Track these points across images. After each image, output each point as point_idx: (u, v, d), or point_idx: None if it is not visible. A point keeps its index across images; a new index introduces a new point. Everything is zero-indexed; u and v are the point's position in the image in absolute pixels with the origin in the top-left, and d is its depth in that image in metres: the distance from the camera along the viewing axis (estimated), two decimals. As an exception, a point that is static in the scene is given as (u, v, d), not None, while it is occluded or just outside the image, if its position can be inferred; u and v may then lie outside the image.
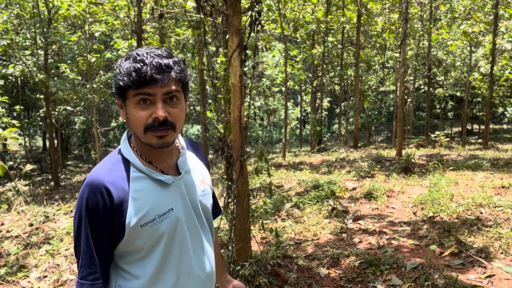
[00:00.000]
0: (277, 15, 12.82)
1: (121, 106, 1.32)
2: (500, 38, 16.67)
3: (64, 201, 8.61)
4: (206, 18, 4.17)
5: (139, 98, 1.24)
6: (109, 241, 1.27)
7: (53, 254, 4.85)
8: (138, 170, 1.30)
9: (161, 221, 1.29)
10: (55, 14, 11.33)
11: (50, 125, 12.60)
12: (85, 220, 1.23)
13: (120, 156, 1.33)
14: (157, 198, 1.30)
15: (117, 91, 1.29)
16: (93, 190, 1.22)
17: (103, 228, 1.24)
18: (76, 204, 1.26)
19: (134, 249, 1.30)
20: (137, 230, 1.26)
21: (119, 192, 1.24)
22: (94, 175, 1.25)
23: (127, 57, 1.28)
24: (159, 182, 1.32)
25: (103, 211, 1.22)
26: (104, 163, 1.31)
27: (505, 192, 5.93)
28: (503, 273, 3.64)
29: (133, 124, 1.27)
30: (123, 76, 1.24)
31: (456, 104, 26.29)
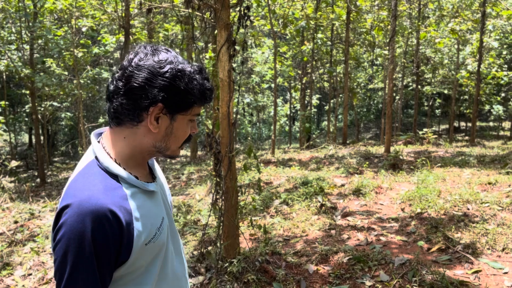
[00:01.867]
0: (266, 11, 12.78)
1: (158, 118, 1.16)
2: (487, 36, 16.85)
3: (50, 198, 8.50)
4: (195, 12, 4.13)
5: (195, 116, 1.23)
6: (112, 271, 1.11)
7: (38, 252, 4.77)
8: (130, 185, 1.16)
9: (160, 234, 1.20)
10: (41, 8, 11.16)
11: (36, 121, 12.42)
12: (90, 257, 1.02)
13: (103, 171, 1.14)
14: (152, 211, 1.20)
15: (177, 102, 1.15)
16: (98, 218, 1.02)
17: (110, 260, 1.07)
18: (67, 239, 1.01)
19: (133, 269, 1.16)
20: (142, 249, 1.14)
21: (125, 214, 1.09)
22: (90, 199, 1.03)
23: (193, 70, 1.18)
24: (149, 193, 1.22)
25: (113, 241, 1.05)
26: (90, 181, 1.09)
27: (492, 189, 5.98)
28: (489, 269, 3.66)
29: (178, 139, 1.22)
30: (198, 93, 1.17)
31: (444, 101, 26.53)
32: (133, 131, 1.17)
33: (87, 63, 11.78)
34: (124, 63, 1.16)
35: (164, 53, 1.17)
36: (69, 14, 10.67)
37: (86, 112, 19.59)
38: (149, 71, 1.12)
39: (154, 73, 1.12)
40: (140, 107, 1.13)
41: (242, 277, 3.65)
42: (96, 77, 12.95)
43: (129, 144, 1.18)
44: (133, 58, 1.15)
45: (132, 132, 1.17)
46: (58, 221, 1.06)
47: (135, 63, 1.13)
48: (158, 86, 1.12)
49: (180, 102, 1.15)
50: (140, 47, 1.19)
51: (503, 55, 20.68)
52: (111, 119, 1.18)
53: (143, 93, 1.12)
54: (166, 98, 1.13)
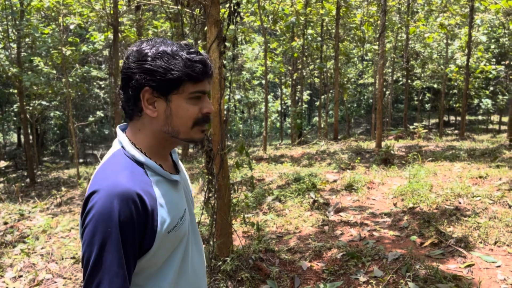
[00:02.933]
0: (256, 7, 12.73)
1: (152, 101, 1.19)
2: (476, 31, 16.96)
3: (40, 198, 8.41)
4: (184, 9, 4.08)
5: (196, 94, 1.20)
6: (136, 258, 1.14)
7: (28, 253, 4.71)
8: (155, 173, 1.21)
9: (182, 224, 1.23)
10: (28, 6, 11.00)
11: (25, 120, 12.27)
12: (117, 237, 1.06)
13: (129, 159, 1.19)
14: (175, 200, 1.24)
15: (162, 83, 1.16)
16: (125, 200, 1.07)
17: (135, 244, 1.11)
18: (96, 220, 1.06)
19: (155, 261, 1.19)
20: (165, 238, 1.17)
21: (150, 199, 1.13)
22: (118, 184, 1.08)
23: (170, 47, 1.17)
24: (173, 183, 1.26)
25: (138, 224, 1.10)
26: (116, 168, 1.14)
27: (482, 182, 6.03)
28: (482, 262, 3.68)
29: (182, 119, 1.20)
30: (184, 67, 1.16)
31: (433, 96, 26.71)
32: (142, 121, 1.22)
33: (75, 61, 11.64)
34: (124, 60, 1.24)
35: (156, 40, 1.21)
36: (56, 12, 10.53)
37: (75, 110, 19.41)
38: (132, 60, 1.17)
39: (136, 61, 1.16)
40: (133, 96, 1.18)
41: (235, 276, 3.63)
42: (85, 76, 12.83)
43: (145, 135, 1.23)
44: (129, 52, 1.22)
45: (141, 123, 1.22)
46: (86, 206, 1.10)
47: (127, 56, 1.20)
48: (140, 70, 1.16)
49: (166, 81, 1.16)
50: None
51: (491, 49, 20.86)
52: (125, 115, 1.25)
53: (130, 81, 1.17)
54: (150, 80, 1.15)
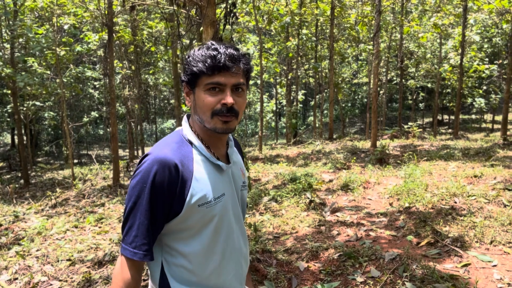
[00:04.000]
0: (251, 8, 12.72)
1: (188, 94, 1.42)
2: (469, 30, 17.05)
3: (34, 200, 8.36)
4: (180, 9, 4.07)
5: (210, 86, 1.34)
6: (165, 217, 1.33)
7: (23, 255, 4.68)
8: (200, 153, 1.39)
9: (215, 204, 1.37)
10: (21, 6, 10.93)
11: (19, 121, 12.19)
12: (149, 192, 1.28)
13: (183, 137, 1.41)
14: (214, 182, 1.39)
15: (189, 77, 1.37)
16: (163, 166, 1.28)
17: (164, 203, 1.30)
18: (138, 176, 1.29)
19: (185, 227, 1.36)
20: (194, 209, 1.33)
21: (186, 171, 1.32)
22: (163, 153, 1.31)
23: (199, 47, 1.39)
24: (216, 167, 1.42)
25: (168, 187, 1.29)
26: (168, 142, 1.37)
27: (477, 181, 6.06)
28: (478, 262, 3.70)
29: (201, 109, 1.37)
30: (197, 63, 1.34)
31: (427, 95, 26.82)
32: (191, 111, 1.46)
33: (69, 61, 11.57)
34: None
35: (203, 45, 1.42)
36: (50, 12, 10.46)
37: (69, 111, 19.31)
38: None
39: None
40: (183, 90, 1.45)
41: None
42: (79, 76, 12.75)
43: (196, 123, 1.44)
44: None
45: (191, 111, 1.46)
46: (139, 164, 1.34)
47: None
48: (183, 69, 1.43)
49: (190, 76, 1.37)
50: None
51: (484, 49, 20.97)
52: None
53: (180, 78, 1.44)
54: (184, 76, 1.40)
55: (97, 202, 7.50)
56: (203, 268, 1.40)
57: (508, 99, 11.42)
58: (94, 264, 4.34)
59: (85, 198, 8.03)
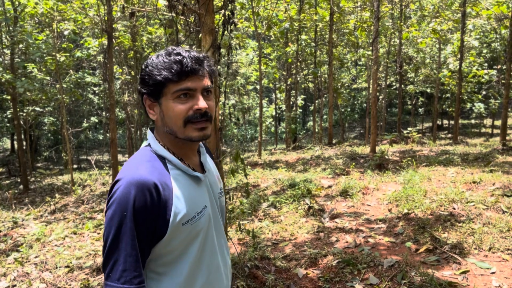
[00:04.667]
0: (250, 13, 12.77)
1: (152, 106, 1.33)
2: (468, 36, 17.10)
3: (33, 205, 8.35)
4: (178, 17, 4.09)
5: (180, 93, 1.26)
6: (150, 243, 1.24)
7: (22, 262, 4.67)
8: (176, 167, 1.31)
9: (199, 219, 1.30)
10: (22, 12, 10.96)
11: (18, 126, 12.19)
12: (131, 220, 1.18)
13: (154, 154, 1.31)
14: (194, 195, 1.32)
15: (151, 89, 1.29)
16: (142, 189, 1.18)
17: (148, 228, 1.21)
18: (115, 205, 1.19)
19: (170, 249, 1.27)
20: (179, 228, 1.25)
21: (165, 190, 1.23)
22: (138, 174, 1.21)
23: (157, 55, 1.30)
24: (194, 179, 1.35)
25: (151, 211, 1.20)
26: (140, 161, 1.27)
27: (476, 188, 6.06)
28: (477, 269, 3.70)
29: (172, 119, 1.29)
30: (161, 71, 1.25)
31: (427, 100, 26.84)
32: (155, 124, 1.37)
33: (69, 67, 11.60)
34: None
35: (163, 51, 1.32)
36: (50, 18, 10.50)
37: (69, 116, 19.33)
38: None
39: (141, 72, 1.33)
40: (142, 103, 1.35)
41: (231, 284, 3.62)
42: (79, 81, 12.78)
43: (164, 136, 1.35)
44: None
45: (156, 125, 1.37)
46: (110, 192, 1.23)
47: None
48: (140, 80, 1.32)
49: (152, 86, 1.28)
50: None
51: (483, 54, 21.02)
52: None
53: (138, 91, 1.35)
54: (144, 88, 1.30)
55: (96, 208, 7.49)
56: (192, 286, 1.33)
57: (507, 104, 11.44)
58: (92, 271, 4.34)
59: (84, 204, 8.02)
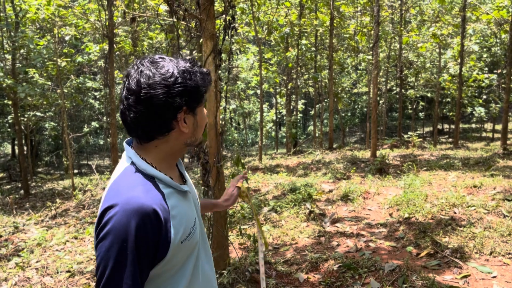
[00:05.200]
0: (251, 18, 12.81)
1: (186, 119, 1.26)
2: (468, 40, 17.14)
3: (34, 210, 8.35)
4: (179, 22, 4.11)
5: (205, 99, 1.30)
6: (150, 269, 1.17)
7: (23, 267, 4.67)
8: (166, 185, 1.24)
9: (194, 233, 1.28)
10: (23, 17, 11.01)
11: (19, 131, 12.22)
12: (133, 252, 1.09)
13: (141, 174, 1.21)
14: (186, 210, 1.28)
15: (198, 99, 1.26)
16: (142, 217, 1.10)
17: (149, 256, 1.14)
18: (112, 236, 1.08)
19: (169, 267, 1.23)
20: (178, 247, 1.21)
21: (164, 213, 1.16)
22: (133, 199, 1.11)
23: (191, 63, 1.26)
24: (183, 194, 1.31)
25: (152, 239, 1.13)
26: (130, 184, 1.17)
27: (477, 192, 6.06)
28: (478, 273, 3.69)
29: (202, 127, 1.32)
30: (199, 80, 1.24)
31: (427, 104, 26.87)
32: (165, 140, 1.25)
33: (70, 72, 11.64)
34: (133, 88, 1.19)
35: (162, 61, 1.23)
36: (51, 24, 10.54)
37: (70, 121, 19.36)
38: (163, 85, 1.18)
39: (168, 85, 1.18)
40: (169, 119, 1.22)
41: (232, 288, 3.62)
42: (80, 86, 12.81)
43: (161, 151, 1.27)
44: (140, 79, 1.18)
45: (163, 141, 1.25)
46: (102, 219, 1.12)
47: (145, 83, 1.18)
48: (177, 93, 1.19)
49: (197, 97, 1.25)
50: (136, 66, 1.23)
51: (483, 58, 21.05)
52: (140, 139, 1.25)
53: (168, 106, 1.19)
54: (188, 100, 1.22)
55: (97, 213, 7.49)
56: None
57: (507, 109, 11.44)
58: (93, 276, 4.33)
59: (85, 208, 8.02)
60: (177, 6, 3.90)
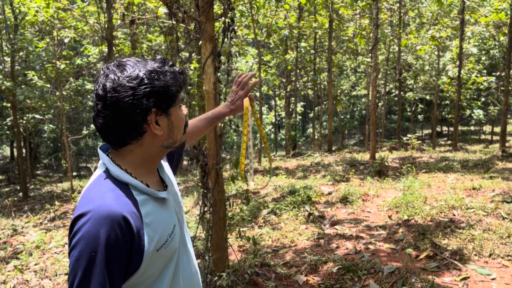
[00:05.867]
0: (250, 21, 12.84)
1: (159, 121, 1.21)
2: (467, 43, 17.18)
3: (33, 213, 8.34)
4: (178, 24, 4.11)
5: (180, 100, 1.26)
6: (122, 281, 1.13)
7: (22, 270, 4.66)
8: (141, 192, 1.20)
9: (171, 240, 1.24)
10: (22, 20, 11.02)
11: (18, 134, 12.21)
12: (102, 260, 1.06)
13: (114, 180, 1.18)
14: (163, 217, 1.23)
15: (169, 99, 1.20)
16: (111, 224, 1.06)
17: (121, 266, 1.10)
18: (81, 245, 1.05)
19: (146, 277, 1.18)
20: (154, 256, 1.17)
21: (136, 220, 1.12)
22: (104, 207, 1.08)
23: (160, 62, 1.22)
24: (160, 200, 1.25)
25: (123, 247, 1.09)
26: (102, 191, 1.14)
27: (476, 194, 6.06)
28: (477, 275, 3.69)
29: (179, 128, 1.27)
30: (169, 80, 1.19)
31: (426, 107, 26.91)
32: (139, 144, 1.21)
33: (69, 74, 11.64)
34: (100, 93, 1.15)
35: (128, 63, 1.19)
36: (50, 26, 10.55)
37: (69, 124, 19.35)
38: (128, 87, 1.14)
39: (133, 87, 1.14)
40: (139, 122, 1.17)
41: (232, 291, 3.61)
42: (79, 89, 12.82)
43: (137, 156, 1.23)
44: (105, 84, 1.15)
45: (137, 145, 1.22)
46: (73, 228, 1.10)
47: (111, 87, 1.14)
48: (143, 95, 1.15)
49: (167, 97, 1.20)
50: (103, 70, 1.19)
51: (482, 61, 21.10)
52: (113, 145, 1.22)
53: (135, 109, 1.15)
54: (156, 101, 1.17)
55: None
56: None
57: (506, 111, 11.47)
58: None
59: (84, 211, 8.00)
60: (176, 8, 3.91)
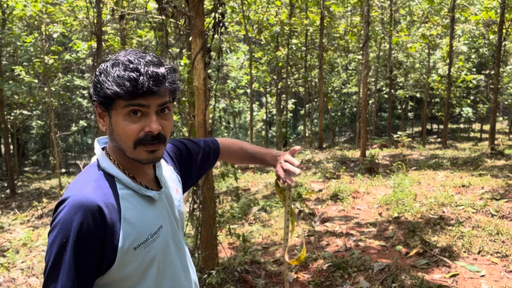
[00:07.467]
0: (241, 17, 12.77)
1: (102, 115, 1.17)
2: (457, 41, 17.29)
3: (20, 210, 8.23)
4: (168, 19, 4.06)
5: (130, 109, 1.11)
6: (95, 271, 1.11)
7: (8, 268, 4.59)
8: (126, 186, 1.18)
9: (153, 241, 1.19)
10: (10, 14, 10.85)
11: (5, 130, 12.04)
12: (72, 247, 1.05)
13: (102, 172, 1.18)
14: (147, 216, 1.19)
15: (101, 99, 1.13)
16: (85, 212, 1.06)
17: (91, 257, 1.09)
18: (57, 229, 1.06)
19: (124, 277, 1.15)
20: (130, 253, 1.13)
21: (111, 212, 1.11)
22: (81, 195, 1.08)
23: (114, 63, 1.12)
24: (147, 198, 1.21)
25: (95, 236, 1.08)
26: (85, 179, 1.15)
27: (465, 191, 6.09)
28: (466, 272, 3.70)
29: (121, 138, 1.14)
30: (113, 85, 1.08)
31: (416, 104, 27.09)
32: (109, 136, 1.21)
33: (58, 70, 11.49)
34: None
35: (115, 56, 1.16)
36: (39, 21, 10.40)
37: (57, 120, 19.15)
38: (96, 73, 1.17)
39: (96, 74, 1.16)
40: (94, 107, 1.20)
41: (221, 289, 3.58)
42: (67, 85, 12.67)
43: (113, 147, 1.22)
44: None
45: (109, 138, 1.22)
46: (54, 213, 1.11)
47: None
48: (93, 84, 1.16)
49: (103, 97, 1.12)
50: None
51: (471, 59, 21.28)
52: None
53: (89, 92, 1.19)
54: (94, 94, 1.15)
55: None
56: None
57: (495, 109, 11.55)
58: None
59: (73, 208, 7.93)
60: (166, 3, 3.85)
